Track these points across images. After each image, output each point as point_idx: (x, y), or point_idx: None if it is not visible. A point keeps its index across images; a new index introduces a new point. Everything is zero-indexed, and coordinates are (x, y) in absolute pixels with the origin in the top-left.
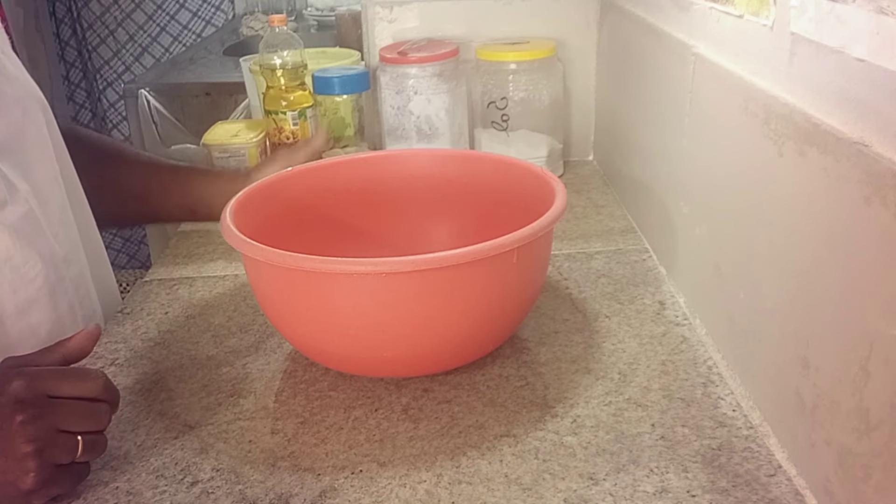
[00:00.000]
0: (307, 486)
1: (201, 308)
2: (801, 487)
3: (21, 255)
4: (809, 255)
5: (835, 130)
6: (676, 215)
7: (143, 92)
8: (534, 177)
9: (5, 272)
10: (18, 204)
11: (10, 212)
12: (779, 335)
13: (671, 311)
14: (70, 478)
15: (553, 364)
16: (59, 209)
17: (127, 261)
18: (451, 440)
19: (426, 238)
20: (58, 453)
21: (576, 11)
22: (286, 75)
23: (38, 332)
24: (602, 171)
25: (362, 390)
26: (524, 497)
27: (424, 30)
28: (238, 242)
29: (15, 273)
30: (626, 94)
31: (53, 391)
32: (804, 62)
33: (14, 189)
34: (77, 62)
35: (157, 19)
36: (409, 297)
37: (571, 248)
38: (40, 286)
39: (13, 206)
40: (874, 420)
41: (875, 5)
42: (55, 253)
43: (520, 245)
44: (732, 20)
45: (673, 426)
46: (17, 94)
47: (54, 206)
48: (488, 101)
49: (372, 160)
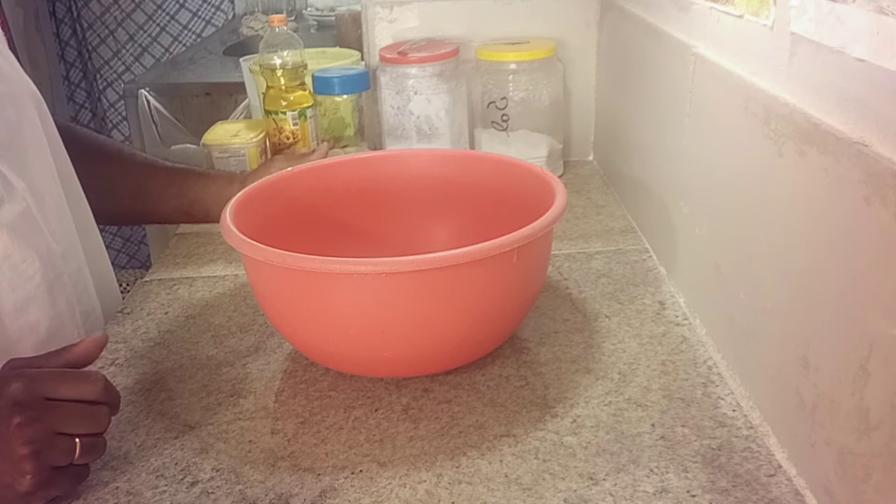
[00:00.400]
0: (307, 486)
1: (201, 308)
2: (801, 487)
3: (19, 253)
4: (809, 255)
5: (835, 130)
6: (676, 215)
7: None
8: (534, 177)
9: (3, 270)
10: (15, 202)
11: (8, 210)
12: (779, 335)
13: (671, 311)
14: (68, 480)
15: (553, 364)
16: (56, 206)
17: (127, 261)
18: (451, 440)
19: (426, 238)
20: (55, 455)
21: (576, 11)
22: (286, 75)
23: (36, 329)
24: (602, 171)
25: (362, 390)
26: (524, 497)
27: (424, 30)
28: (238, 242)
29: (13, 271)
30: (626, 94)
31: (52, 393)
32: (804, 62)
33: (11, 187)
34: (77, 62)
35: (157, 19)
36: (409, 297)
37: (571, 248)
38: (38, 283)
39: (10, 203)
40: (874, 420)
41: (875, 5)
42: (53, 250)
43: (520, 245)
44: (732, 20)
45: (673, 426)
46: (11, 92)
47: (51, 203)
48: (488, 101)
49: (372, 160)
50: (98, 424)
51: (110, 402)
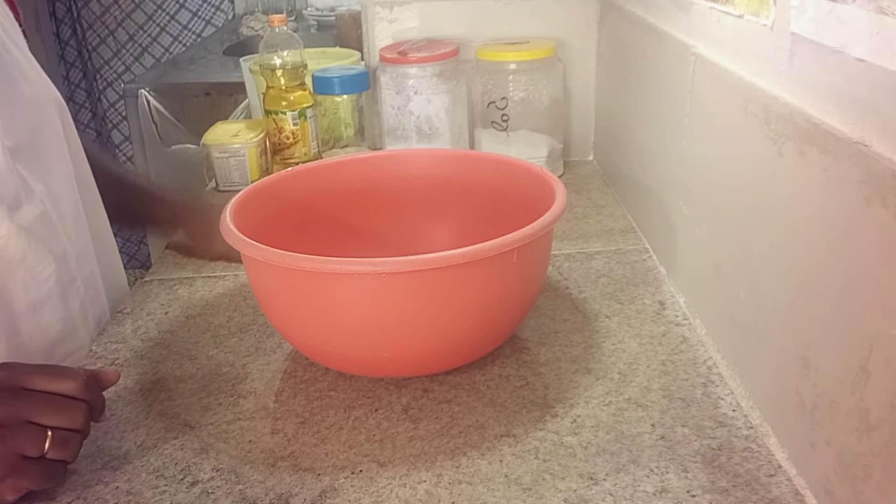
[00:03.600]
0: (307, 486)
1: (201, 308)
2: (801, 487)
3: (35, 256)
4: (809, 255)
5: (835, 130)
6: (676, 215)
7: (143, 92)
8: (534, 177)
9: (19, 272)
10: (34, 204)
11: (26, 212)
12: (779, 335)
13: (671, 311)
14: (40, 473)
15: (553, 364)
16: (73, 209)
17: (127, 261)
18: (451, 440)
19: (426, 238)
20: (24, 443)
21: (576, 11)
22: (286, 75)
23: (49, 331)
24: (602, 171)
25: (362, 390)
26: (524, 497)
27: (424, 30)
28: (238, 242)
29: (29, 273)
30: (626, 94)
31: (28, 384)
32: (804, 62)
33: (30, 190)
34: (77, 62)
35: (157, 19)
36: (409, 297)
37: (571, 248)
38: (52, 286)
39: (29, 206)
40: (874, 420)
41: (875, 5)
42: (68, 253)
43: (520, 245)
44: (732, 20)
45: (673, 426)
46: (34, 96)
47: (68, 207)
48: (488, 101)
49: (372, 160)
50: (73, 420)
51: (90, 401)
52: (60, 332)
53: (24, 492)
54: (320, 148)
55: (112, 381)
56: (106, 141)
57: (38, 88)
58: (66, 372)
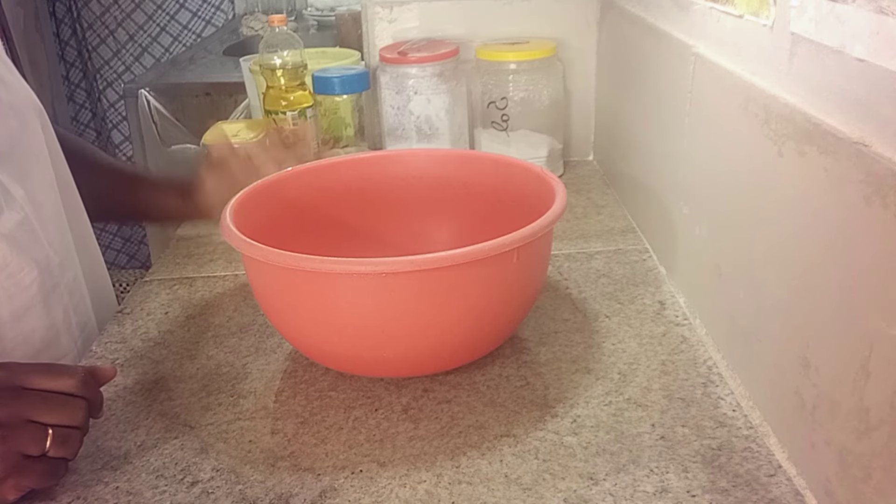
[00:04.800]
0: (307, 486)
1: (201, 308)
2: (801, 487)
3: (17, 263)
4: (809, 255)
5: (835, 130)
6: (676, 215)
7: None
8: (534, 177)
9: (0, 280)
10: (14, 211)
11: (7, 219)
12: (779, 335)
13: (671, 311)
14: (42, 471)
15: (553, 364)
16: (55, 215)
17: (127, 261)
18: (451, 440)
19: (426, 238)
20: (25, 442)
21: (576, 11)
22: (286, 75)
23: (31, 338)
24: (602, 171)
25: (362, 390)
26: (524, 497)
27: (424, 30)
28: (238, 242)
29: (10, 280)
30: (626, 94)
31: (27, 383)
32: (804, 62)
33: (10, 197)
34: (77, 62)
35: (157, 19)
36: (409, 297)
37: (571, 248)
38: (35, 293)
39: (9, 213)
40: (874, 420)
41: (875, 5)
42: (50, 259)
43: (520, 245)
44: (732, 20)
45: (673, 426)
46: (12, 101)
47: (50, 212)
48: (488, 101)
49: (372, 160)
50: (72, 417)
51: (89, 398)
52: (44, 339)
53: (25, 491)
54: (320, 148)
55: (109, 376)
56: (106, 141)
57: (16, 94)
58: (63, 370)
